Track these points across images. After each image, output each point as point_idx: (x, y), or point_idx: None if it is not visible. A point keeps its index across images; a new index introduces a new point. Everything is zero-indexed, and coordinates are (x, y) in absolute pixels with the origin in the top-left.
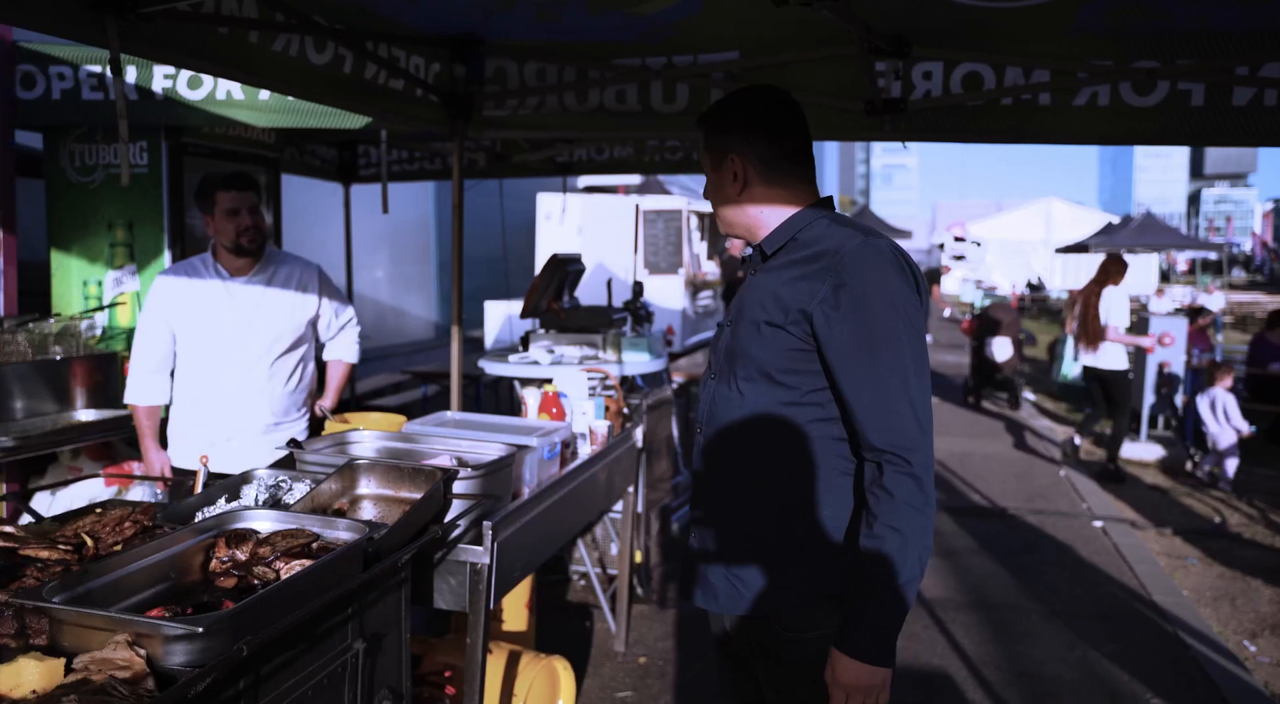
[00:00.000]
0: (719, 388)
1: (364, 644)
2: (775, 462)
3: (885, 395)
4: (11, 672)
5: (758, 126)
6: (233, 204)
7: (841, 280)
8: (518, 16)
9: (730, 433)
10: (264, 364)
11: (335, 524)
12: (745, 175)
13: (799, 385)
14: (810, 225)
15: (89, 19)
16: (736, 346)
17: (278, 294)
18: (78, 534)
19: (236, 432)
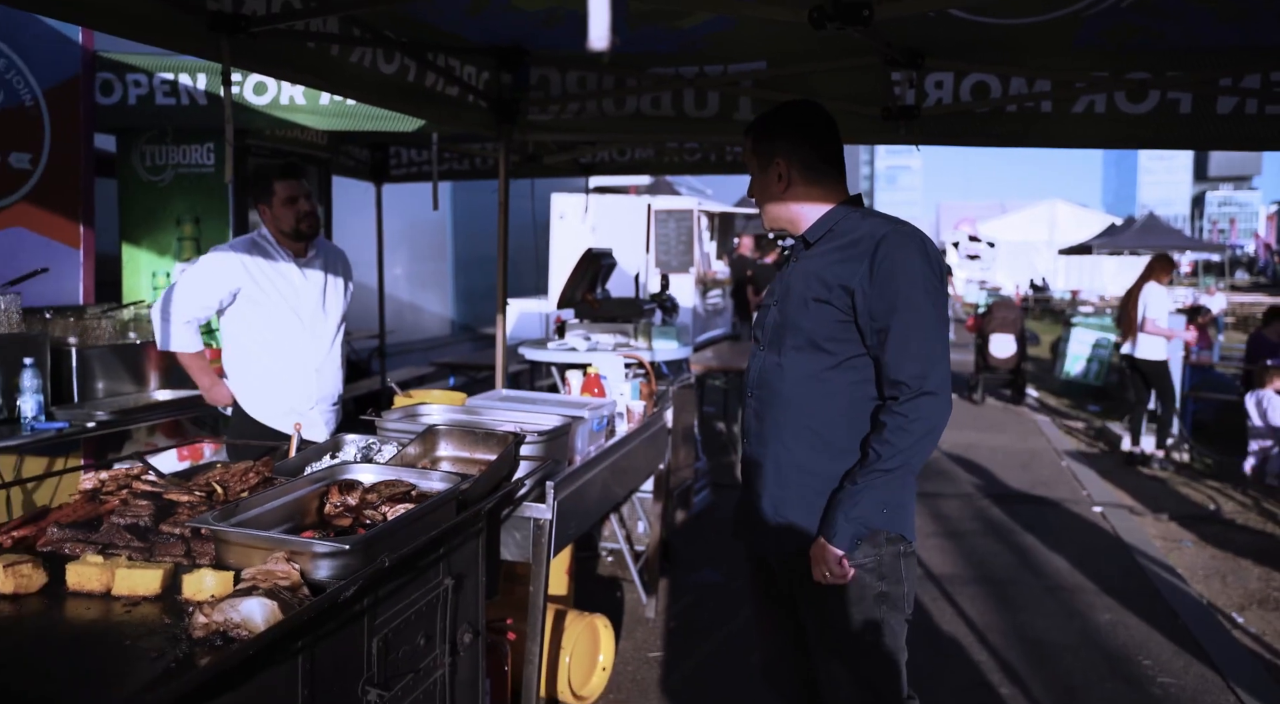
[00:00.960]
0: (769, 357)
1: (452, 581)
2: (819, 415)
3: (907, 346)
4: (194, 579)
5: (801, 135)
6: (290, 192)
7: (876, 260)
8: (561, 31)
9: (780, 393)
10: (336, 338)
11: (429, 476)
12: (789, 176)
13: (839, 351)
14: (845, 218)
15: (206, 38)
16: (786, 320)
17: (334, 277)
18: (208, 483)
19: (317, 401)
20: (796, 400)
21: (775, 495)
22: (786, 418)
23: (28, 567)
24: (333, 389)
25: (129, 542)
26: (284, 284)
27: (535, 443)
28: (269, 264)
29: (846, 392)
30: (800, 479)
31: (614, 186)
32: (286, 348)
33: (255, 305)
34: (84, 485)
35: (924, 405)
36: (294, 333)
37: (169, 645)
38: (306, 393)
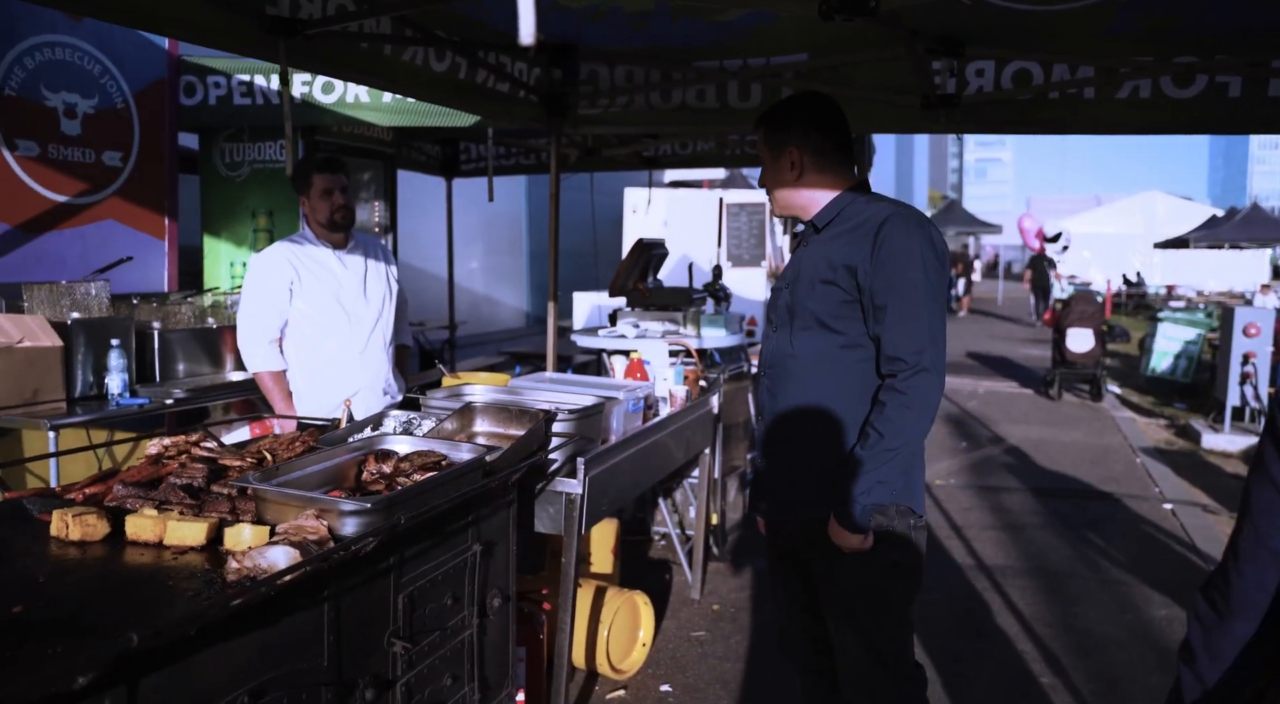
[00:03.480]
0: (781, 337)
1: (480, 547)
2: (830, 391)
3: (905, 323)
4: (234, 532)
5: (813, 124)
6: (327, 185)
7: (878, 241)
8: (607, 26)
9: (792, 372)
10: (379, 326)
11: (459, 447)
12: (802, 164)
13: (847, 330)
14: (852, 203)
15: (265, 40)
16: (796, 302)
17: (374, 264)
18: (259, 451)
19: (361, 387)
20: (808, 378)
21: (790, 467)
22: (799, 395)
23: (93, 517)
24: (379, 374)
25: (182, 499)
26: (324, 273)
27: (567, 420)
28: (308, 255)
29: (856, 369)
30: (813, 453)
31: (688, 181)
32: (331, 334)
33: (300, 297)
34: (150, 450)
35: (921, 382)
36: (337, 319)
37: (205, 587)
38: (350, 377)
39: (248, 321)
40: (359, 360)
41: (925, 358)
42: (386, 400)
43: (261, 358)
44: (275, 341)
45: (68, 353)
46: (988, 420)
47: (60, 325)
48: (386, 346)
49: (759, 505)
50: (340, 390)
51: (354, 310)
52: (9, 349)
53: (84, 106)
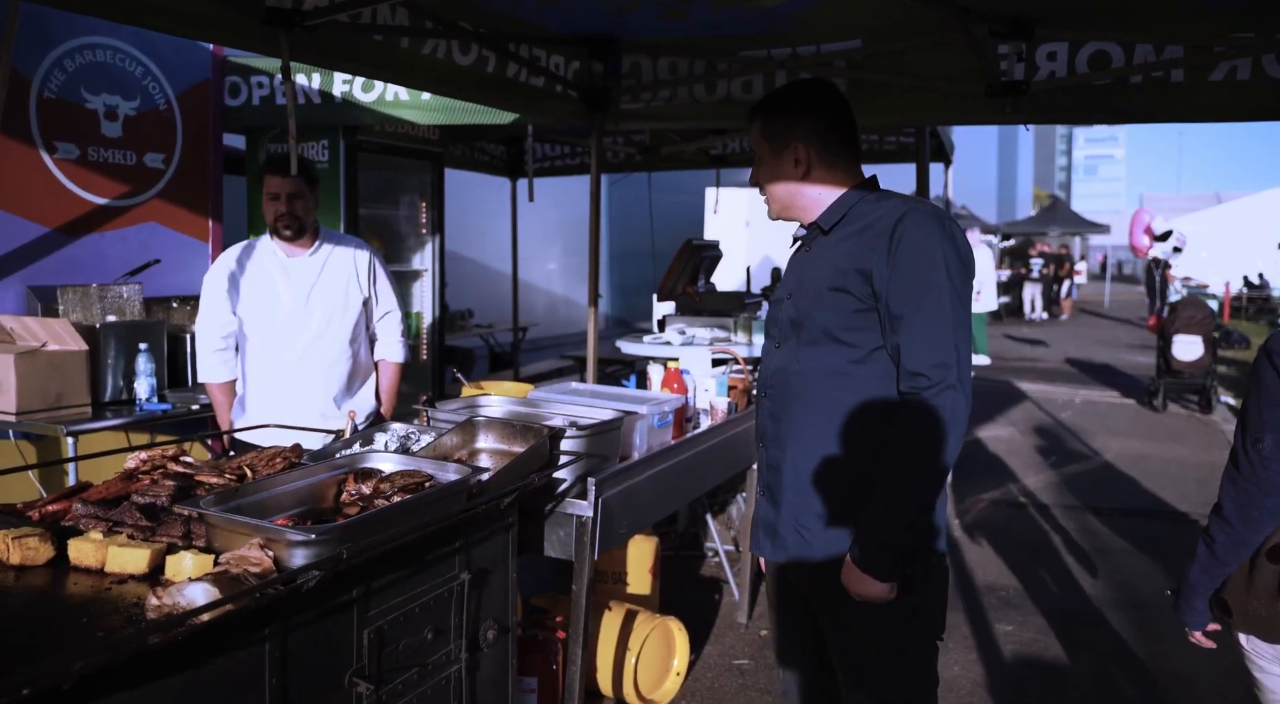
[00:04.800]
0: (784, 353)
1: (469, 576)
2: (841, 415)
3: (927, 333)
4: (175, 560)
5: (821, 115)
6: (272, 188)
7: (894, 241)
8: (646, 15)
9: (797, 392)
10: (322, 342)
11: (446, 468)
12: (809, 160)
13: (860, 343)
14: (860, 201)
15: (264, 33)
16: (801, 313)
17: (332, 273)
18: (240, 467)
19: (293, 407)
20: (816, 399)
21: (794, 503)
22: (805, 418)
23: (34, 540)
24: (317, 393)
25: (137, 520)
26: (264, 281)
27: (577, 437)
28: (255, 261)
29: (870, 387)
30: (820, 485)
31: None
32: (263, 347)
33: (240, 305)
34: (128, 464)
35: (948, 401)
36: (266, 331)
37: (124, 625)
38: (282, 394)
39: (197, 329)
40: (290, 376)
41: (951, 373)
42: (325, 421)
43: (206, 366)
44: (224, 350)
45: (95, 357)
46: (1082, 433)
47: (90, 329)
48: (328, 369)
49: (760, 546)
50: (272, 408)
51: (288, 327)
52: (33, 353)
53: (125, 108)
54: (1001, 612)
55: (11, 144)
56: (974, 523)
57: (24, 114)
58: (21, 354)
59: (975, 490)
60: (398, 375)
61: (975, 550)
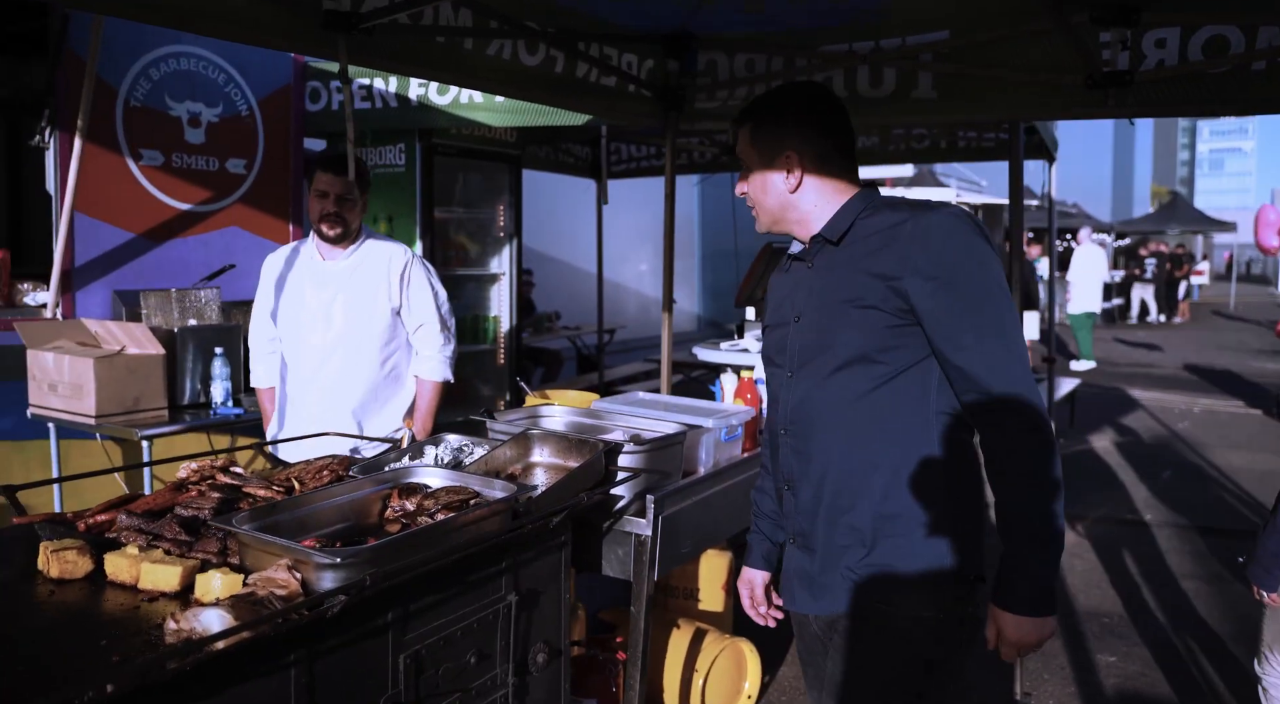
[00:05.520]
0: (804, 384)
1: (517, 597)
2: (881, 446)
3: (995, 353)
4: (204, 579)
5: (813, 121)
6: (322, 186)
7: (929, 248)
8: (722, 10)
9: (829, 425)
10: (342, 352)
11: (493, 485)
12: (801, 169)
13: (895, 362)
14: (866, 209)
15: (323, 37)
16: (823, 337)
17: (362, 278)
18: (289, 479)
19: (309, 420)
20: (844, 427)
21: (839, 547)
22: (842, 452)
23: (73, 554)
24: (334, 406)
25: (176, 534)
26: (296, 284)
27: (635, 452)
28: (293, 263)
29: (904, 409)
30: (847, 522)
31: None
32: (289, 353)
33: (276, 309)
34: (179, 474)
35: (1040, 438)
36: (290, 337)
37: (143, 648)
38: (300, 405)
39: (249, 332)
40: (308, 385)
41: (1034, 403)
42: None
43: (256, 372)
44: (271, 355)
45: (173, 360)
46: (1200, 445)
47: (169, 333)
48: (349, 380)
49: (796, 599)
50: (293, 419)
51: (309, 333)
52: (112, 357)
53: (208, 115)
54: (1104, 640)
55: (99, 152)
56: (1077, 541)
57: (111, 123)
58: (101, 358)
59: (1078, 506)
60: (435, 395)
61: (1076, 571)
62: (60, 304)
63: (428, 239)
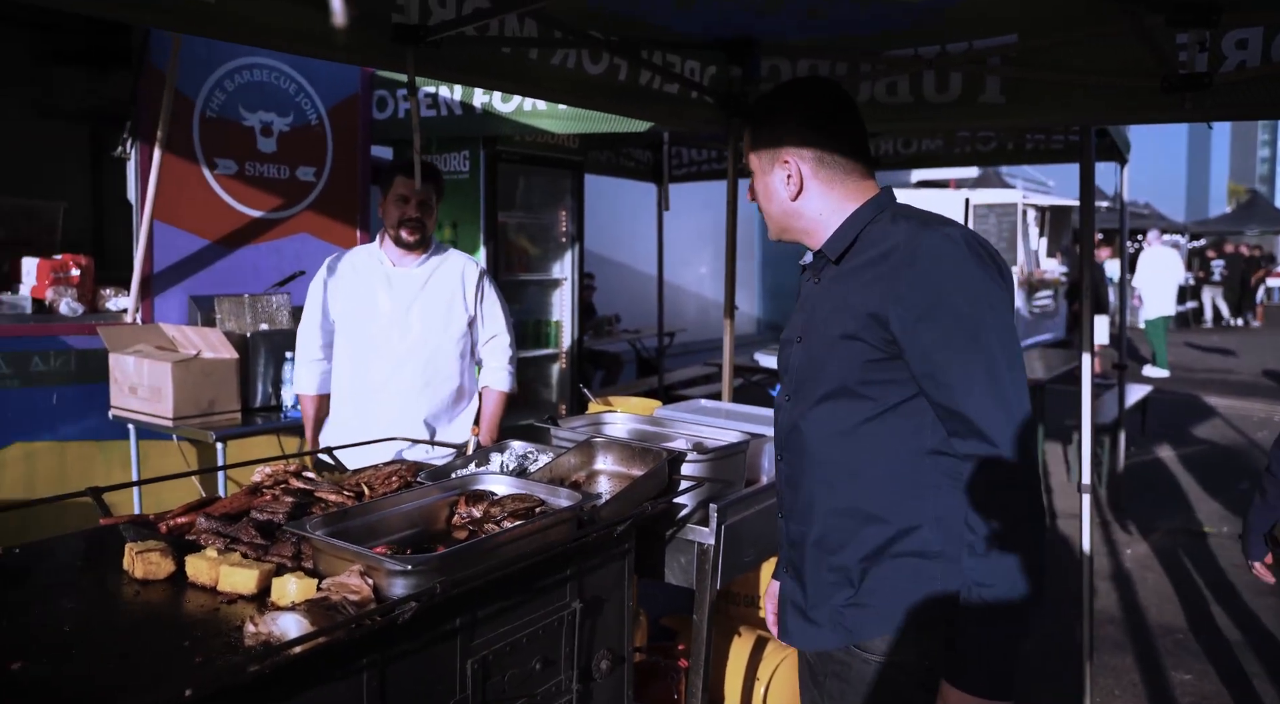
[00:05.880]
0: (794, 409)
1: (581, 605)
2: (867, 485)
3: (982, 401)
4: (280, 583)
5: (811, 121)
6: (404, 190)
7: (915, 277)
8: (786, 16)
9: (812, 456)
10: (416, 360)
11: (559, 493)
12: (800, 175)
13: (881, 397)
14: (874, 221)
15: (392, 51)
16: (810, 364)
17: (438, 286)
18: (359, 484)
19: (386, 430)
20: (834, 464)
21: (826, 585)
22: (825, 487)
23: (156, 555)
24: (405, 416)
25: (252, 538)
26: (364, 291)
27: (698, 461)
28: (357, 268)
29: (890, 448)
30: (835, 562)
31: (934, 181)
32: (355, 361)
33: (337, 315)
34: (254, 478)
35: (1020, 497)
36: (361, 345)
37: (222, 651)
38: (368, 414)
39: (298, 338)
40: (380, 391)
41: (1014, 457)
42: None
43: (301, 377)
44: (321, 361)
45: (246, 364)
46: None
47: (242, 338)
48: (423, 387)
49: (788, 632)
50: (355, 430)
51: (383, 333)
52: (188, 361)
53: (279, 125)
54: (1177, 657)
55: (177, 161)
56: (1147, 554)
57: (187, 133)
58: (178, 362)
59: (1150, 517)
60: (502, 406)
61: (1147, 585)
62: (140, 309)
63: (491, 245)
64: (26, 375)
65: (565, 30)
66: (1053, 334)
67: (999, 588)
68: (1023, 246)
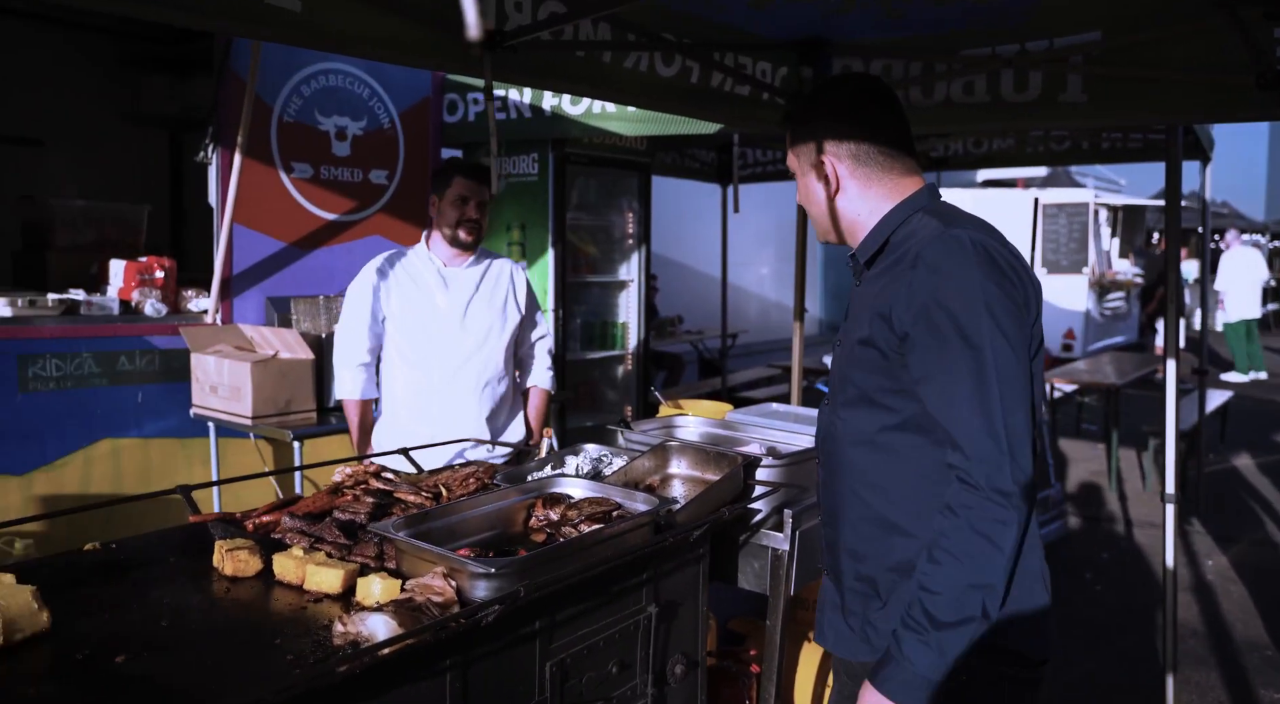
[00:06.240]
0: (829, 413)
1: (657, 609)
2: (889, 495)
3: (962, 410)
4: (364, 583)
5: (847, 119)
6: (465, 191)
7: (915, 278)
8: (860, 16)
9: (842, 466)
10: (474, 362)
11: (635, 497)
12: (837, 175)
13: (900, 407)
14: (905, 223)
15: (468, 56)
16: (839, 369)
17: (490, 287)
18: (437, 485)
19: (445, 432)
20: (856, 471)
21: (859, 594)
22: (849, 494)
23: (245, 553)
24: (466, 418)
25: (336, 538)
26: (418, 293)
27: (773, 466)
28: (409, 270)
29: (912, 458)
30: (863, 571)
31: (1001, 180)
32: (412, 365)
33: (390, 319)
34: (334, 478)
35: (988, 513)
36: (420, 348)
37: (311, 649)
38: (427, 418)
39: (338, 342)
40: (441, 393)
41: (990, 474)
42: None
43: (339, 383)
44: (368, 365)
45: (320, 364)
46: None
47: (317, 338)
48: (483, 387)
49: (824, 634)
50: (413, 431)
51: (443, 342)
52: (267, 361)
53: (353, 128)
54: (1267, 675)
55: (255, 166)
56: (1228, 566)
57: (266, 138)
58: (257, 362)
59: (1230, 527)
60: (547, 404)
61: (1232, 598)
62: (219, 310)
63: (559, 247)
64: (114, 374)
65: (638, 33)
66: (1125, 337)
67: (941, 598)
68: (1094, 247)
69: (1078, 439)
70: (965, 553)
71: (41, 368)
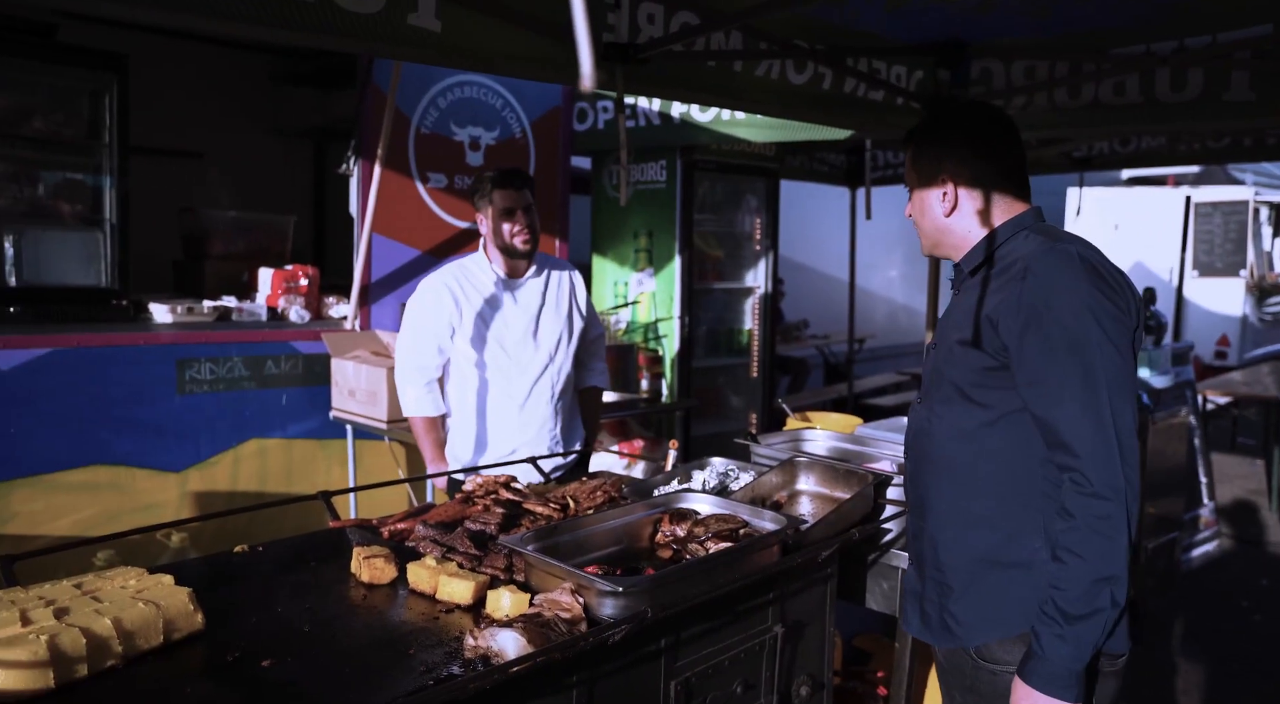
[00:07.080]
0: (921, 412)
1: (783, 629)
2: (977, 488)
3: (1071, 410)
4: (495, 596)
5: (973, 147)
6: (508, 202)
7: (1026, 288)
8: (1003, 15)
9: (930, 456)
10: (548, 374)
11: (762, 515)
12: (956, 195)
13: (995, 404)
14: (1010, 239)
15: (600, 69)
16: (936, 369)
17: (554, 295)
18: (564, 497)
19: (517, 446)
20: (948, 465)
21: (939, 583)
22: (939, 487)
23: (380, 561)
24: (542, 429)
25: (467, 548)
26: (487, 308)
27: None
28: (474, 285)
29: (1004, 454)
30: (963, 565)
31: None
32: (488, 381)
33: (460, 334)
34: (465, 487)
35: (1096, 506)
36: (496, 364)
37: (443, 661)
38: (506, 433)
39: (403, 358)
40: (517, 414)
41: (1102, 475)
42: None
43: (414, 400)
44: (434, 382)
45: None
46: None
47: None
48: (555, 398)
49: (908, 620)
50: (493, 447)
51: (517, 354)
52: None
53: (486, 138)
54: None
55: (394, 176)
56: None
57: (404, 149)
58: (392, 368)
59: None
60: (601, 404)
61: None
62: (358, 316)
63: (686, 254)
64: (261, 377)
65: (770, 41)
66: None
67: (1069, 593)
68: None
69: (1233, 454)
70: (1086, 550)
71: (197, 371)
